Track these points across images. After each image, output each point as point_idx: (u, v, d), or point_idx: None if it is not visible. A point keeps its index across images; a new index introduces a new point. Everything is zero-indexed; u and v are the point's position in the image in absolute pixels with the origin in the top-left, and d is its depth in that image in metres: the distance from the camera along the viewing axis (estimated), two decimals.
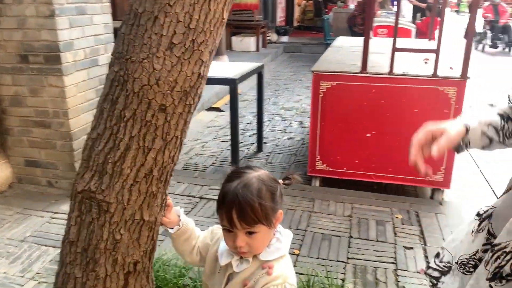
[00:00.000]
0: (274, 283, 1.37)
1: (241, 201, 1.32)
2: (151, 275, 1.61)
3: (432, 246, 3.18)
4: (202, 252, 1.60)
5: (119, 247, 1.42)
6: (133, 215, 1.40)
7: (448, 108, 3.63)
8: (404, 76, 3.68)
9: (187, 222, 1.56)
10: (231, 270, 1.47)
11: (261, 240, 1.39)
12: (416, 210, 3.68)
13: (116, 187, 1.35)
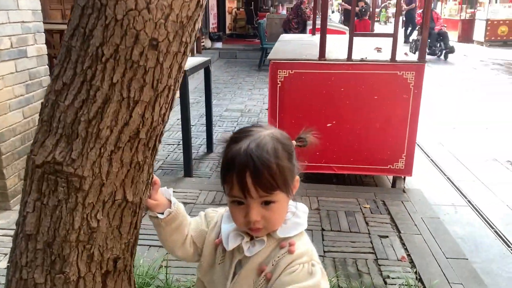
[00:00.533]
0: (299, 261, 1.11)
1: (256, 162, 1.05)
2: (133, 276, 1.27)
3: (406, 233, 3.06)
4: (196, 242, 1.29)
5: (95, 238, 1.08)
6: (114, 194, 1.07)
7: (408, 93, 3.57)
8: (362, 62, 3.58)
9: (178, 205, 1.25)
10: (240, 255, 1.18)
11: (278, 212, 1.12)
12: (381, 199, 3.57)
13: (91, 155, 1.01)
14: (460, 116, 6.62)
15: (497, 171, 4.55)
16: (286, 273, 1.09)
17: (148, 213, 1.23)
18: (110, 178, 1.04)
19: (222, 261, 1.23)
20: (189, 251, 1.28)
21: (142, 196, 1.15)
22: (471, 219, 3.54)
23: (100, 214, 1.06)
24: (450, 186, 4.14)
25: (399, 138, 3.67)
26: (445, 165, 4.62)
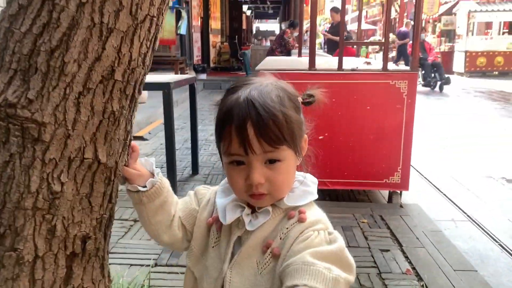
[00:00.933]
0: (312, 228, 0.91)
1: (259, 110, 0.87)
2: (107, 266, 1.04)
3: (408, 246, 2.85)
4: (185, 223, 1.08)
5: (58, 207, 0.86)
6: (82, 151, 0.86)
7: (401, 103, 3.44)
8: (353, 72, 3.46)
9: (162, 178, 1.04)
10: (239, 231, 0.98)
11: (285, 173, 0.93)
12: (379, 214, 3.37)
13: (53, 96, 0.81)
14: (450, 136, 6.55)
15: (493, 188, 4.41)
16: (298, 242, 0.89)
17: (127, 187, 1.01)
18: (78, 129, 0.84)
19: (217, 243, 1.02)
20: (177, 234, 1.06)
21: (119, 160, 0.94)
22: (473, 234, 3.35)
23: (64, 176, 0.85)
24: (448, 202, 3.96)
25: (394, 150, 3.51)
26: (439, 182, 4.46)
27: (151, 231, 1.06)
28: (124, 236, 2.94)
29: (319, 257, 0.84)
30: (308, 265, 0.82)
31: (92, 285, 0.97)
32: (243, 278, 0.94)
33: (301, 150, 0.97)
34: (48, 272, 0.87)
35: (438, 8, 17.71)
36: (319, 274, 0.81)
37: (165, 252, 2.72)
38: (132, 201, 1.03)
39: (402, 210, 3.46)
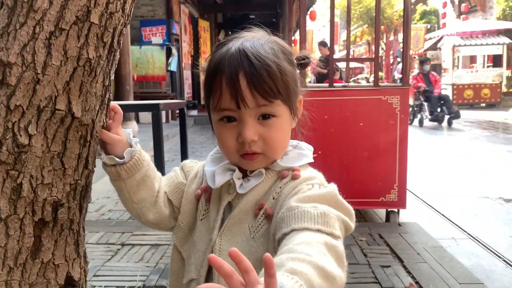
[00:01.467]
0: (309, 182, 0.84)
1: (252, 59, 0.81)
2: (83, 242, 0.92)
3: (410, 261, 2.73)
4: (172, 199, 0.98)
5: (25, 162, 0.76)
6: (53, 101, 0.77)
7: (394, 118, 3.40)
8: (345, 88, 3.43)
9: (141, 150, 0.95)
10: (230, 196, 0.89)
11: (280, 130, 0.86)
12: (377, 232, 3.25)
13: (20, 35, 0.73)
14: (444, 157, 6.51)
15: (491, 207, 4.32)
16: (290, 196, 0.80)
17: (103, 159, 0.91)
18: (49, 74, 0.75)
19: (206, 215, 0.92)
20: (163, 212, 0.97)
21: (96, 118, 0.85)
22: (475, 250, 3.23)
23: (33, 127, 0.76)
24: (446, 221, 3.86)
25: (389, 167, 3.44)
26: (436, 203, 4.37)
27: (133, 210, 0.96)
28: (110, 260, 2.78)
29: (305, 201, 0.76)
30: (292, 209, 0.75)
31: (65, 262, 0.86)
32: (235, 245, 0.84)
33: (296, 111, 0.91)
34: (12, 239, 0.76)
35: (423, 43, 18.19)
36: (305, 213, 0.73)
37: (153, 274, 2.56)
38: (110, 178, 0.93)
39: (401, 228, 3.35)
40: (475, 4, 18.06)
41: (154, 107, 3.47)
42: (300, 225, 0.73)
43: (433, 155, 7.09)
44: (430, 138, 9.08)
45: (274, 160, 0.88)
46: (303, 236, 0.71)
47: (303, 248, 0.67)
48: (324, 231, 0.73)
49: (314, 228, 0.72)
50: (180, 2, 11.68)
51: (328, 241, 0.71)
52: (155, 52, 10.27)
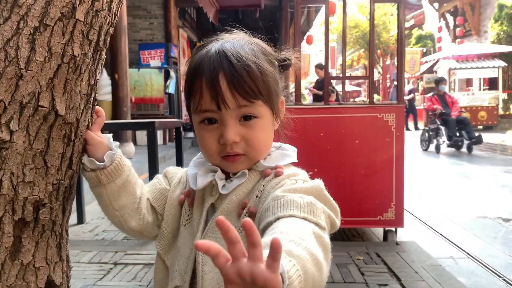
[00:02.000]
0: (293, 178, 0.83)
1: (232, 60, 0.81)
2: (65, 246, 0.90)
3: (408, 280, 2.67)
4: (155, 205, 0.96)
5: (6, 159, 0.75)
6: (37, 97, 0.76)
7: (390, 136, 3.40)
8: (340, 106, 3.44)
9: (122, 156, 0.93)
10: (212, 198, 0.87)
11: (262, 131, 0.86)
12: (374, 251, 3.20)
13: (4, 29, 0.73)
14: (443, 179, 6.48)
15: (490, 227, 4.27)
16: (274, 190, 0.79)
17: (83, 161, 0.89)
18: (32, 70, 0.75)
19: (189, 220, 0.91)
20: (146, 218, 0.94)
21: (80, 117, 0.84)
22: (474, 270, 3.18)
23: (14, 123, 0.75)
24: (445, 241, 3.81)
25: (386, 185, 3.41)
26: (434, 222, 4.33)
27: (115, 218, 0.93)
28: (102, 279, 2.73)
29: (290, 192, 0.75)
30: (277, 199, 0.74)
31: (46, 265, 0.83)
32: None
33: (278, 112, 0.90)
34: None
35: (419, 67, 18.38)
36: (291, 202, 0.72)
37: None
38: (89, 185, 0.91)
39: (398, 247, 3.30)
40: (469, 29, 18.34)
41: (149, 125, 3.47)
42: (286, 212, 0.71)
43: (431, 175, 7.07)
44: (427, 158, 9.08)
45: (256, 161, 0.87)
46: (292, 222, 0.69)
47: (296, 232, 0.65)
48: (311, 220, 0.71)
49: (300, 215, 0.71)
50: (179, 27, 11.83)
51: (316, 230, 0.69)
52: (153, 75, 10.35)
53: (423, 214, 4.64)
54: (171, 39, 11.02)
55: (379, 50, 23.35)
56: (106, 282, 2.67)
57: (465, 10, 18.14)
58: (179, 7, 11.54)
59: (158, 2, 11.17)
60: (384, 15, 22.72)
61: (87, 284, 2.62)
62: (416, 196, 5.36)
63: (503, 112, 15.52)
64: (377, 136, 3.40)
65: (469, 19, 18.20)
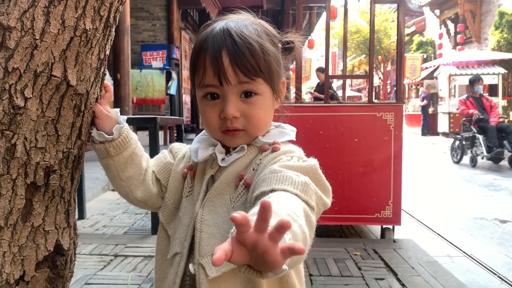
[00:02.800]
0: (288, 154, 0.87)
1: (235, 38, 0.85)
2: (73, 213, 0.94)
3: (404, 275, 2.71)
4: (160, 178, 1.01)
5: (19, 124, 0.79)
6: (50, 67, 0.81)
7: (388, 135, 3.44)
8: (340, 104, 3.49)
9: (129, 129, 0.97)
10: (212, 170, 0.92)
11: (261, 108, 0.89)
12: (372, 248, 3.24)
13: (21, 2, 0.77)
14: (441, 182, 6.51)
15: (487, 227, 4.31)
16: (270, 165, 0.83)
17: (93, 134, 0.93)
18: (46, 41, 0.79)
19: (191, 192, 0.95)
20: (151, 190, 0.99)
21: (90, 89, 0.88)
22: (470, 267, 3.22)
23: (29, 91, 0.79)
24: (442, 240, 3.85)
25: (384, 183, 3.45)
26: (431, 223, 4.36)
27: (122, 188, 0.98)
28: (103, 269, 2.76)
29: (287, 168, 0.79)
30: (275, 172, 0.77)
31: (55, 230, 0.87)
32: (216, 215, 0.87)
33: (279, 92, 0.94)
34: (4, 198, 0.78)
35: (420, 73, 18.45)
36: (287, 178, 0.76)
37: (146, 283, 2.54)
38: (98, 157, 0.95)
39: (396, 244, 3.34)
40: (470, 36, 18.42)
41: (151, 121, 3.51)
42: (280, 186, 0.75)
43: (429, 178, 7.11)
44: (427, 162, 9.11)
45: (255, 137, 0.91)
46: (285, 196, 0.73)
47: (292, 207, 0.68)
48: (302, 197, 0.75)
49: (293, 191, 0.75)
50: (181, 28, 11.91)
51: (306, 209, 0.73)
52: (155, 76, 10.41)
53: (420, 213, 4.68)
54: (173, 41, 11.09)
55: (380, 56, 23.44)
56: (106, 273, 2.70)
57: (466, 17, 18.24)
58: (182, 9, 11.61)
59: (161, 4, 11.25)
60: (385, 21, 22.82)
61: (87, 274, 2.65)
62: (414, 196, 5.40)
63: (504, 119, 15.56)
64: (376, 134, 3.44)
65: (469, 26, 18.29)
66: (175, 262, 0.92)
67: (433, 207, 5.14)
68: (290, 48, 1.00)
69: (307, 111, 3.48)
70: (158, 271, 1.00)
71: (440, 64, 16.56)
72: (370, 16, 3.39)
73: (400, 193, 3.48)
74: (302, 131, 3.52)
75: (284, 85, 0.97)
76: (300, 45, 1.04)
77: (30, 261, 0.83)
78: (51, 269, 0.88)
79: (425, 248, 3.42)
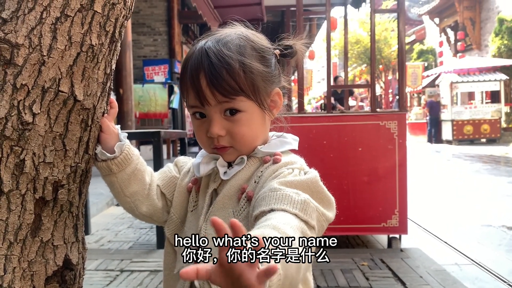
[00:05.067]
0: (289, 166, 0.87)
1: (211, 58, 0.85)
2: (81, 228, 0.94)
3: (413, 284, 2.69)
4: (165, 191, 1.01)
5: (28, 140, 0.80)
6: (57, 83, 0.82)
7: (392, 143, 3.44)
8: (343, 114, 3.50)
9: (130, 145, 0.97)
10: (215, 184, 0.92)
11: (247, 125, 0.88)
12: (379, 257, 3.21)
13: (29, 19, 0.78)
14: (447, 189, 6.49)
15: (494, 235, 4.28)
16: (270, 179, 0.83)
17: (96, 151, 0.93)
18: (53, 57, 0.80)
19: (195, 206, 0.95)
20: (156, 204, 0.98)
21: (97, 104, 0.89)
22: (479, 276, 3.19)
23: (37, 107, 0.80)
24: (449, 248, 3.81)
25: (389, 192, 3.44)
26: (438, 230, 4.33)
27: (126, 204, 0.98)
28: (109, 285, 2.75)
29: (287, 185, 0.78)
30: (275, 191, 0.77)
31: (64, 244, 0.87)
32: None
33: (271, 103, 0.93)
34: (13, 214, 0.79)
35: (421, 81, 18.49)
36: (286, 197, 0.75)
37: None
38: (101, 174, 0.95)
39: (403, 254, 3.31)
40: (470, 43, 18.50)
41: (155, 135, 3.52)
42: (280, 206, 0.74)
43: (435, 186, 7.08)
44: (431, 170, 9.08)
45: (246, 152, 0.91)
46: (284, 217, 0.72)
47: (287, 230, 0.67)
48: (301, 217, 0.74)
49: (292, 211, 0.74)
50: (182, 43, 11.99)
51: (304, 230, 0.72)
52: (157, 90, 10.46)
53: (426, 222, 4.65)
54: (175, 55, 11.16)
55: (381, 65, 23.51)
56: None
57: (466, 24, 18.32)
58: (183, 23, 11.71)
59: (162, 19, 11.36)
60: (385, 30, 22.93)
61: None
62: (421, 205, 5.37)
63: (506, 125, 15.54)
64: (380, 143, 3.44)
65: (469, 33, 18.37)
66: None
67: (439, 215, 5.11)
68: (290, 53, 0.99)
69: (310, 121, 3.48)
70: (166, 286, 0.99)
71: (441, 72, 16.61)
72: (371, 24, 3.41)
73: (406, 202, 3.46)
74: (306, 141, 3.53)
75: (279, 96, 0.95)
76: (301, 48, 1.02)
77: (39, 276, 0.83)
78: (60, 284, 0.88)
79: (432, 256, 3.40)
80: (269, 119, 0.95)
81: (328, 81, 3.80)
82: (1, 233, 0.78)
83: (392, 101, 21.39)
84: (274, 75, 0.93)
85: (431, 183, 7.45)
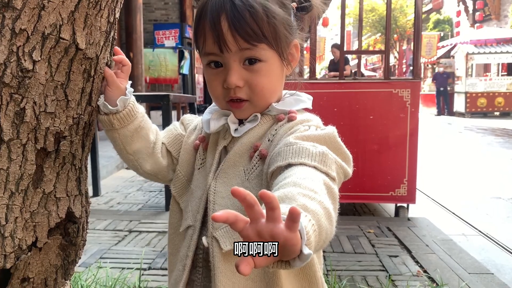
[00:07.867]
0: (306, 123, 0.83)
1: (235, 1, 0.79)
2: (85, 182, 0.93)
3: (418, 252, 2.69)
4: (171, 149, 0.98)
5: (28, 88, 0.77)
6: (58, 29, 0.78)
7: (404, 112, 3.38)
8: (355, 81, 3.43)
9: (135, 102, 0.94)
10: (225, 141, 0.89)
11: (266, 76, 0.84)
12: (386, 225, 3.21)
13: None
14: (457, 161, 6.43)
15: (503, 207, 4.25)
16: (286, 136, 0.79)
17: (98, 103, 0.90)
18: (53, 1, 0.76)
19: (203, 164, 0.92)
20: (160, 162, 0.96)
21: (100, 53, 0.86)
22: (485, 246, 3.18)
23: (37, 53, 0.77)
24: (456, 219, 3.80)
25: (399, 161, 3.41)
26: (446, 201, 4.31)
27: (129, 162, 0.96)
28: (117, 244, 2.80)
29: (303, 139, 0.75)
30: (290, 145, 0.74)
31: (66, 197, 0.86)
32: (229, 187, 0.83)
33: (289, 56, 0.89)
34: (14, 163, 0.77)
35: (436, 51, 18.10)
36: (303, 150, 0.72)
37: (159, 257, 2.57)
38: (104, 128, 0.92)
39: (410, 223, 3.31)
40: (489, 13, 17.96)
41: (164, 98, 3.50)
42: (297, 160, 0.72)
43: (445, 157, 7.02)
44: (442, 141, 8.99)
45: (261, 108, 0.87)
46: (303, 170, 0.70)
47: (309, 184, 0.65)
48: (321, 169, 0.72)
49: (310, 164, 0.71)
50: (194, 7, 11.79)
51: (326, 181, 0.70)
52: (167, 55, 10.38)
53: (435, 192, 4.63)
54: (186, 19, 11.00)
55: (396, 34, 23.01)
56: (120, 247, 2.74)
57: None
58: None
59: None
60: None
61: (102, 248, 2.69)
62: (430, 175, 5.34)
63: None
64: (392, 112, 3.38)
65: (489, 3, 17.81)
66: (188, 235, 0.90)
67: (448, 186, 5.08)
68: (307, 7, 0.94)
69: (321, 88, 3.42)
70: (170, 245, 0.98)
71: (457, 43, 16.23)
72: None
73: (415, 171, 3.43)
74: (316, 108, 3.43)
75: (297, 49, 0.91)
76: (318, 5, 0.98)
77: (42, 227, 0.83)
78: (64, 237, 0.88)
79: (440, 226, 3.39)
80: (285, 74, 0.91)
81: (342, 47, 3.71)
82: (2, 182, 0.76)
83: (406, 72, 21.04)
84: (294, 25, 0.90)
85: (441, 154, 7.39)
